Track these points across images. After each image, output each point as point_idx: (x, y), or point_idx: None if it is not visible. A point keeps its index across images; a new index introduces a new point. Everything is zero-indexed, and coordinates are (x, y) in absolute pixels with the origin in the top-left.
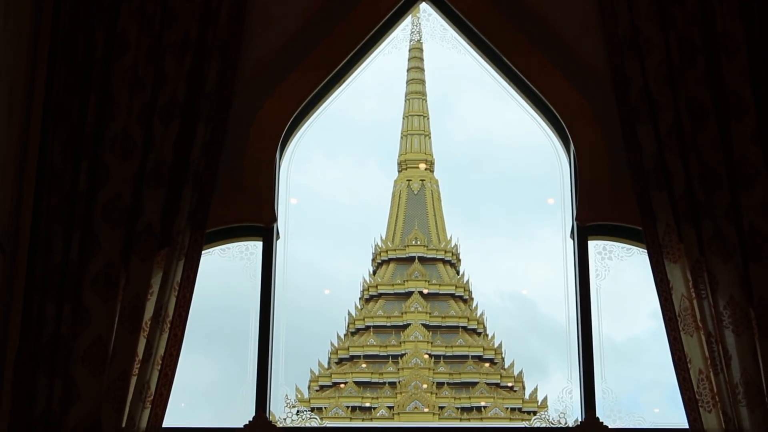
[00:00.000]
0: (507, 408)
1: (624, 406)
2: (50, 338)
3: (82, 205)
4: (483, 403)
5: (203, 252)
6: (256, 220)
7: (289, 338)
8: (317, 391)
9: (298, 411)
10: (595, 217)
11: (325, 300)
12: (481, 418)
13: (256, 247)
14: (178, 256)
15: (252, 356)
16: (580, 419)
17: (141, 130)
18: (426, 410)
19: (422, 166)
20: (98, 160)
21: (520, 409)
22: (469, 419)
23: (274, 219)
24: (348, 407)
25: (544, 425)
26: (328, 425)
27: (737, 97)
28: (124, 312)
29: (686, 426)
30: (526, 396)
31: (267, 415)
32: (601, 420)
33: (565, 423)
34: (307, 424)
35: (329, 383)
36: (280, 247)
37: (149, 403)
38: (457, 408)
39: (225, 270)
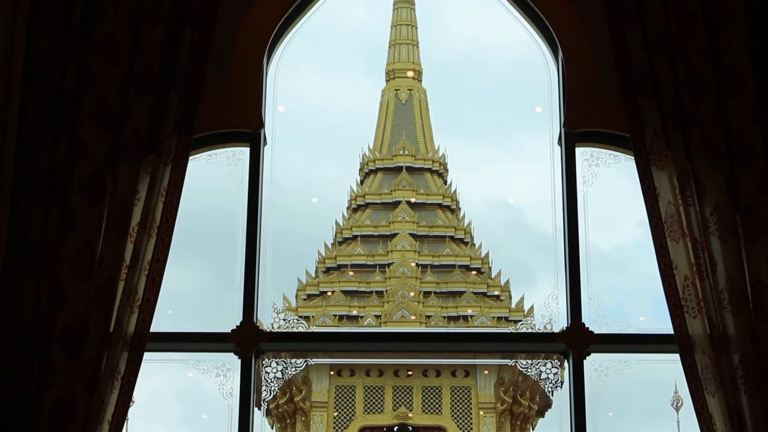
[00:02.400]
0: (493, 317)
1: (610, 312)
2: (38, 242)
3: (69, 110)
4: (470, 312)
5: (190, 157)
6: (244, 125)
7: (277, 246)
8: (305, 299)
9: (285, 318)
10: (583, 123)
11: (313, 208)
12: (468, 327)
13: (243, 153)
14: (165, 161)
15: (239, 262)
16: (565, 325)
17: (127, 34)
18: (413, 318)
19: (410, 73)
20: (84, 65)
21: (506, 318)
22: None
23: (262, 125)
24: (335, 316)
25: (530, 331)
26: (315, 330)
27: (726, 4)
28: (111, 217)
29: (671, 332)
30: (513, 305)
31: (254, 320)
32: (586, 326)
33: (551, 329)
34: (294, 330)
35: (316, 292)
36: (267, 154)
37: (137, 308)
38: (444, 317)
39: (212, 176)
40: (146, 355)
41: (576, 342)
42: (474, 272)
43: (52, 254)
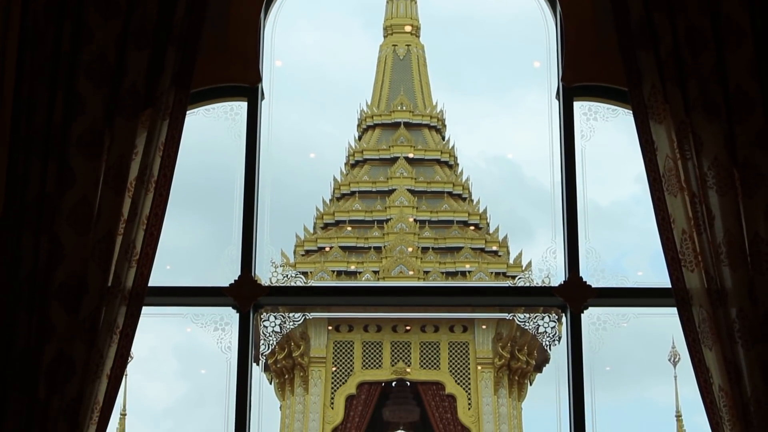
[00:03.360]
0: (492, 272)
1: (607, 266)
2: (35, 197)
3: (66, 65)
4: (468, 267)
5: (188, 112)
6: (241, 80)
7: (275, 201)
8: (303, 255)
9: (283, 273)
10: (581, 77)
11: (310, 163)
12: (466, 282)
13: (241, 107)
14: (163, 116)
15: (237, 217)
16: (563, 280)
17: None
18: (411, 274)
19: (408, 29)
20: (81, 20)
21: (504, 274)
22: None
23: (259, 79)
24: (333, 271)
25: (527, 285)
26: (312, 284)
27: None
28: (108, 172)
29: (669, 285)
30: (511, 260)
31: (252, 274)
32: (584, 279)
33: (549, 284)
34: (293, 284)
35: (315, 248)
36: (264, 109)
37: (135, 262)
38: (442, 272)
39: (210, 130)
40: (145, 310)
41: (574, 296)
42: (472, 228)
43: (50, 209)
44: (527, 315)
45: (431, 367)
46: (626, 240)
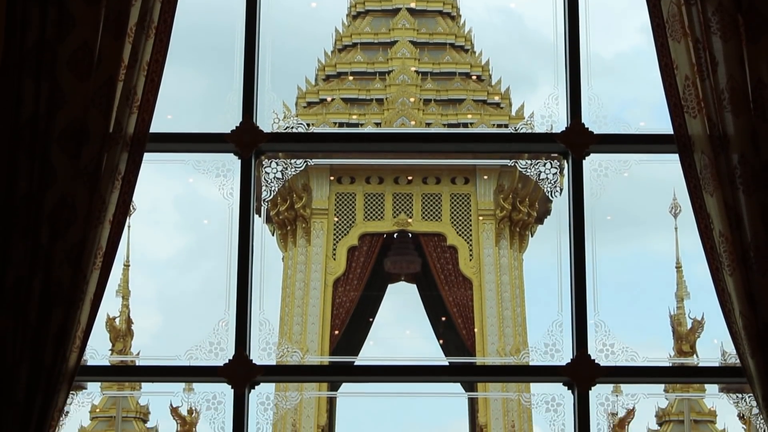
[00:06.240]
0: (494, 124)
1: (609, 113)
2: (35, 43)
3: None
4: (470, 118)
5: None
6: None
7: (276, 52)
8: (304, 107)
9: (285, 122)
10: None
11: (311, 13)
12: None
13: None
14: None
15: (238, 62)
16: (565, 126)
17: None
18: (413, 125)
19: None
20: None
21: (506, 125)
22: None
23: None
24: (335, 123)
25: (530, 131)
26: (314, 130)
27: None
28: (108, 17)
29: (671, 132)
30: (513, 113)
31: (254, 120)
32: (586, 126)
33: (551, 131)
34: (294, 131)
35: (316, 100)
36: None
37: (136, 108)
38: (444, 124)
39: None
40: (147, 156)
41: (575, 142)
42: (474, 79)
43: (49, 55)
44: (529, 161)
45: (433, 219)
46: (629, 93)
